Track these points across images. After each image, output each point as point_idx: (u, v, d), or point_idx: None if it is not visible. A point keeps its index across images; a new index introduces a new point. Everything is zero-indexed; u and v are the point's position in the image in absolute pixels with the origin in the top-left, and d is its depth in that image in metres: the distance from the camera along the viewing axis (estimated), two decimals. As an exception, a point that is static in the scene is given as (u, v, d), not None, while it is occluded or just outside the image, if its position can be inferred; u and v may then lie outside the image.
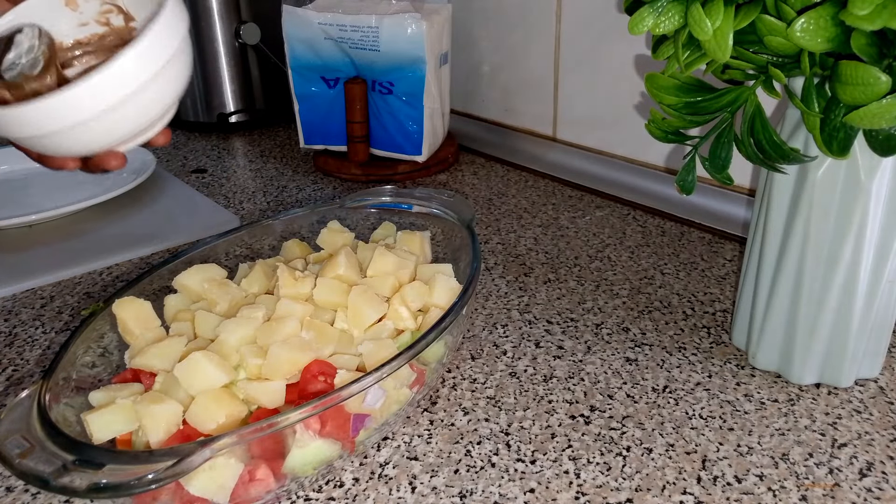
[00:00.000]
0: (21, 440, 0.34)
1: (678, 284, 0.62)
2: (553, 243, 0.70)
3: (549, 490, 0.40)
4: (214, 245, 0.53)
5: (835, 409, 0.46)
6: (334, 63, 0.86)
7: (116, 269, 0.67)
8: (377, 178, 0.88)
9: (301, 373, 0.41)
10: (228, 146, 1.04)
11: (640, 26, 0.40)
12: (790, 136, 0.44)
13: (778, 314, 0.47)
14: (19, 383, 0.51)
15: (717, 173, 0.44)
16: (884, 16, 0.32)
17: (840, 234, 0.43)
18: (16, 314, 0.60)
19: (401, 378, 0.42)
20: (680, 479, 0.41)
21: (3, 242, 0.71)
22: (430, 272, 0.50)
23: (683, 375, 0.50)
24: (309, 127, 0.92)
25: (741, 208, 0.71)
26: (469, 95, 1.01)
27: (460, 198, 0.57)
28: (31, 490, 0.42)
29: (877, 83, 0.33)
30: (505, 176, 0.89)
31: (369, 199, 0.59)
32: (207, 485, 0.36)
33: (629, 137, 0.81)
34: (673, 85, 0.44)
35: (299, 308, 0.44)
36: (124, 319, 0.45)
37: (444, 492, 0.41)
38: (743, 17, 0.37)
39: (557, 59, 0.86)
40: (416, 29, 0.80)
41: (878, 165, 0.41)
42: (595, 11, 0.79)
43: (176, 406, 0.38)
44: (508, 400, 0.48)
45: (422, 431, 0.45)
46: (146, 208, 0.79)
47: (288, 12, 0.85)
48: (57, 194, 0.82)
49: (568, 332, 0.55)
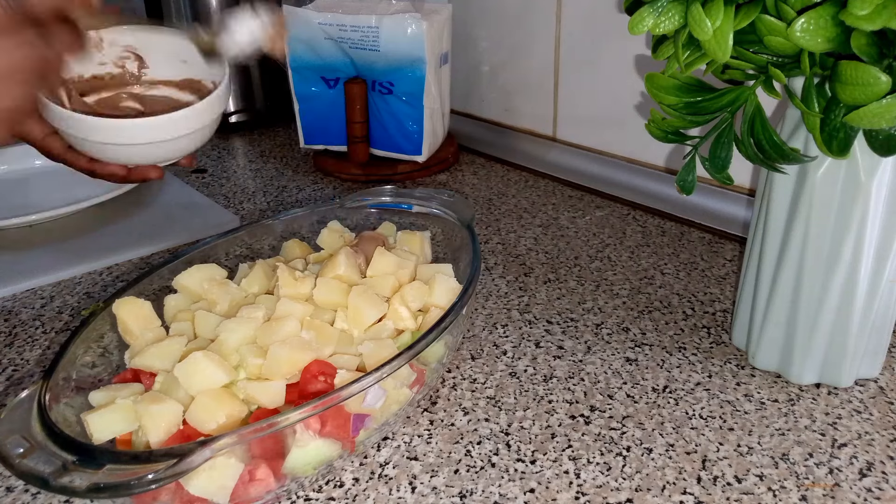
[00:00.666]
0: (21, 440, 0.34)
1: (678, 284, 0.62)
2: (553, 243, 0.70)
3: (549, 490, 0.40)
4: (214, 245, 0.53)
5: (835, 409, 0.46)
6: (334, 63, 0.86)
7: (116, 269, 0.67)
8: (377, 178, 0.88)
9: (301, 373, 0.41)
10: (228, 146, 1.04)
11: (640, 26, 0.40)
12: (790, 136, 0.44)
13: (778, 314, 0.47)
14: (19, 383, 0.51)
15: (717, 173, 0.44)
16: (884, 16, 0.32)
17: (840, 234, 0.43)
18: (16, 314, 0.60)
19: (401, 378, 0.42)
20: (680, 479, 0.41)
21: (3, 242, 0.71)
22: (430, 272, 0.50)
23: (683, 375, 0.50)
24: (309, 127, 0.92)
25: (741, 208, 0.71)
26: (469, 95, 1.01)
27: (460, 198, 0.57)
28: (31, 490, 0.42)
29: (877, 83, 0.33)
30: (505, 176, 0.89)
31: (369, 199, 0.59)
32: (207, 485, 0.36)
33: (629, 137, 0.81)
34: (673, 85, 0.44)
35: (299, 308, 0.44)
36: (124, 319, 0.45)
37: (444, 492, 0.41)
38: (743, 17, 0.37)
39: (557, 59, 0.86)
40: (416, 29, 0.80)
41: (878, 165, 0.41)
42: (595, 11, 0.79)
43: (176, 406, 0.38)
44: (508, 400, 0.48)
45: (422, 431, 0.45)
46: (146, 208, 0.79)
47: (288, 12, 0.85)
48: (57, 194, 0.82)
49: (568, 332, 0.55)
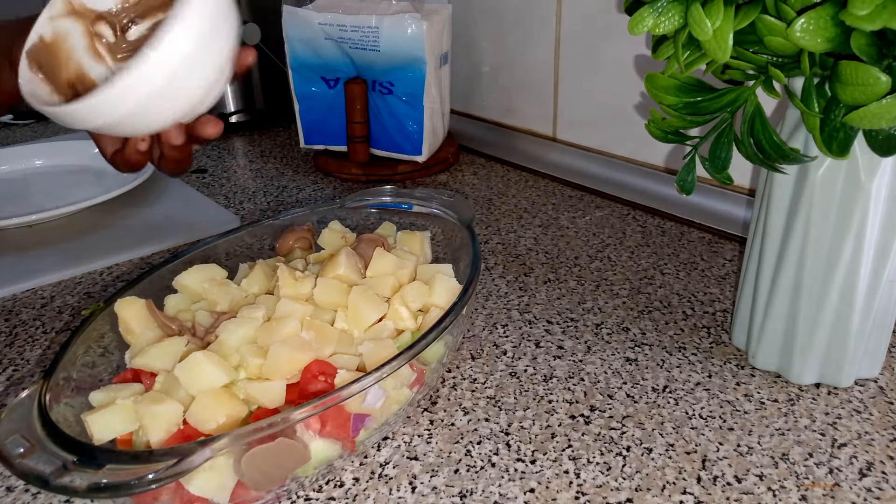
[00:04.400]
0: (21, 440, 0.34)
1: (678, 284, 0.62)
2: (553, 243, 0.70)
3: (549, 490, 0.40)
4: (214, 245, 0.53)
5: (835, 409, 0.46)
6: (334, 63, 0.86)
7: (116, 269, 0.67)
8: (377, 178, 0.88)
9: (301, 373, 0.41)
10: (229, 146, 1.04)
11: (640, 26, 0.40)
12: (790, 136, 0.44)
13: (778, 314, 0.47)
14: (20, 383, 0.51)
15: (717, 173, 0.44)
16: (884, 16, 0.32)
17: (840, 234, 0.43)
18: (16, 314, 0.60)
19: (401, 378, 0.42)
20: (680, 479, 0.41)
21: (4, 242, 0.71)
22: (430, 272, 0.50)
23: (683, 375, 0.50)
24: (309, 127, 0.92)
25: (741, 208, 0.71)
26: (469, 95, 1.01)
27: (460, 198, 0.57)
28: (32, 490, 0.42)
29: (877, 83, 0.33)
30: (505, 176, 0.89)
31: (369, 199, 0.59)
32: (207, 484, 0.36)
33: (629, 137, 0.81)
34: (673, 85, 0.44)
35: (299, 308, 0.44)
36: (126, 319, 0.45)
37: (444, 492, 0.41)
38: (743, 17, 0.37)
39: (557, 59, 0.86)
40: (416, 29, 0.80)
41: (878, 165, 0.41)
42: (595, 11, 0.79)
43: (176, 406, 0.38)
44: (508, 400, 0.48)
45: (422, 431, 0.45)
46: (146, 208, 0.80)
47: (288, 12, 0.85)
48: (57, 194, 0.82)
49: (568, 332, 0.55)
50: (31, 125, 1.18)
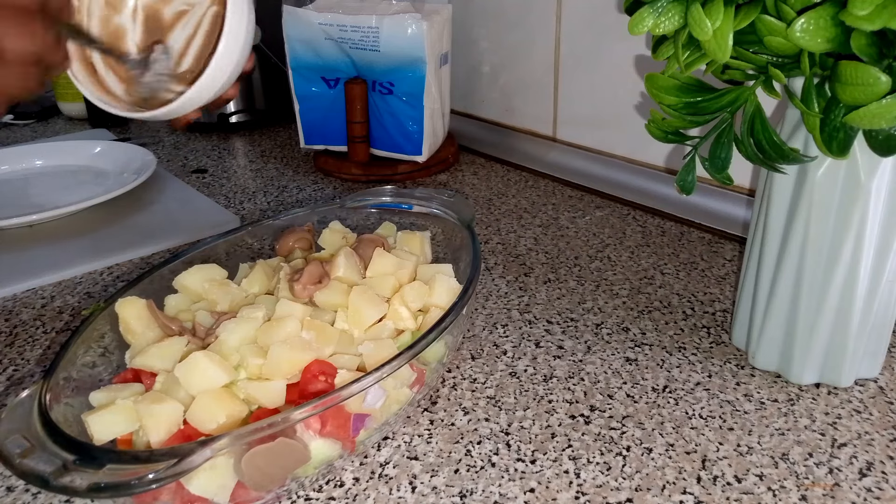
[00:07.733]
0: (21, 440, 0.34)
1: (678, 284, 0.62)
2: (553, 243, 0.70)
3: (549, 490, 0.40)
4: (215, 245, 0.53)
5: (835, 409, 0.46)
6: (334, 63, 0.86)
7: (116, 269, 0.67)
8: (377, 178, 0.88)
9: (301, 373, 0.41)
10: (229, 146, 1.04)
11: (640, 26, 0.40)
12: (790, 136, 0.44)
13: (778, 314, 0.47)
14: (20, 383, 0.51)
15: (717, 173, 0.44)
16: (884, 16, 0.32)
17: (840, 234, 0.43)
18: (16, 314, 0.60)
19: (401, 378, 0.42)
20: (680, 479, 0.41)
21: (4, 242, 0.71)
22: (430, 272, 0.50)
23: (683, 375, 0.50)
24: (309, 127, 0.92)
25: (741, 208, 0.71)
26: (469, 95, 1.01)
27: (460, 198, 0.57)
28: (32, 490, 0.42)
29: (877, 83, 0.33)
30: (505, 176, 0.89)
31: (369, 199, 0.59)
32: (208, 484, 0.36)
33: (629, 137, 0.81)
34: (673, 85, 0.44)
35: (299, 308, 0.44)
36: (126, 319, 0.45)
37: (444, 491, 0.41)
38: (743, 17, 0.37)
39: (557, 59, 0.86)
40: (417, 29, 0.80)
41: (878, 165, 0.41)
42: (595, 11, 0.79)
43: (176, 406, 0.38)
44: (508, 400, 0.48)
45: (422, 431, 0.45)
46: (146, 208, 0.80)
47: (288, 12, 0.85)
48: (57, 194, 0.82)
49: (568, 332, 0.55)
50: (31, 125, 1.18)
